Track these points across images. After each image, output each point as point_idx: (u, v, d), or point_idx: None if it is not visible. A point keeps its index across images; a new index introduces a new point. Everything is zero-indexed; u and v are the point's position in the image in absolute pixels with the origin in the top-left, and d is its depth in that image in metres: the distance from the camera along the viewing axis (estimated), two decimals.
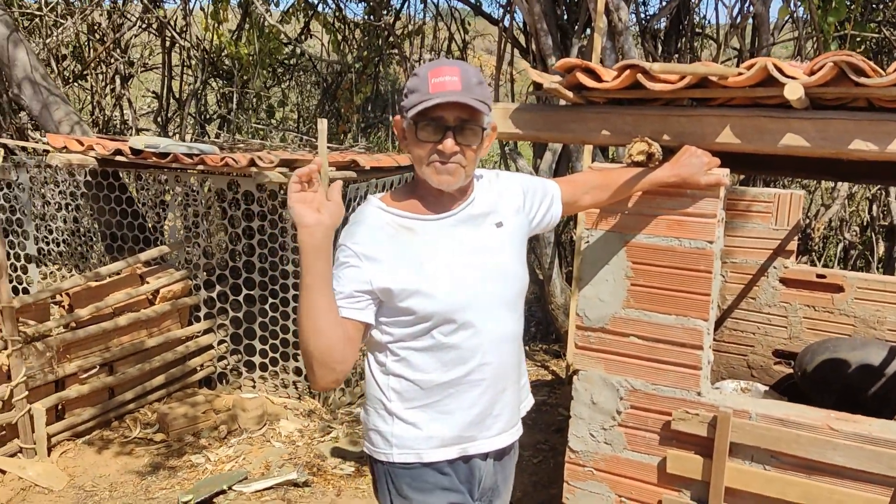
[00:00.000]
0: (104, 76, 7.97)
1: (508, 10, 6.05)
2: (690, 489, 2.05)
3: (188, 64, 8.35)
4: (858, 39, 5.17)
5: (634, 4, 5.98)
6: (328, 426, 4.09)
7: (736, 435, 1.94)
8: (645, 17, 6.51)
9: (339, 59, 8.26)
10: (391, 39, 7.75)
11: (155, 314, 4.13)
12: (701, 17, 10.62)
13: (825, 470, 1.87)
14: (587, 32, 5.06)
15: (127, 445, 3.80)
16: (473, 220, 1.61)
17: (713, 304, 2.02)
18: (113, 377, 3.93)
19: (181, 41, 7.75)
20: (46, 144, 4.68)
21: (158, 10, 7.58)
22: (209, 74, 8.26)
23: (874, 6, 5.99)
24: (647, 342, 2.06)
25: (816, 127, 1.80)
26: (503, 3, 6.84)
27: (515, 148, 5.55)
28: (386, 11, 7.86)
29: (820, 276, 3.40)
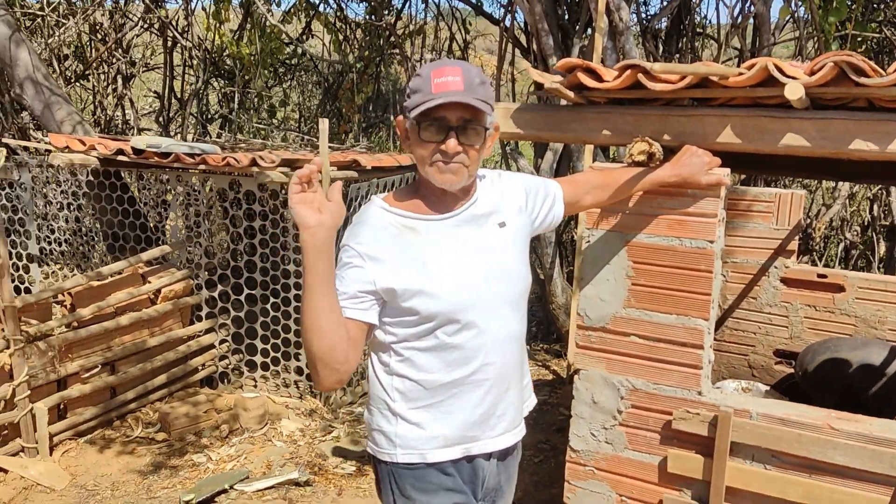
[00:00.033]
0: (106, 76, 7.98)
1: (509, 9, 6.05)
2: (691, 488, 2.05)
3: (190, 64, 8.36)
4: (859, 39, 5.17)
5: (635, 4, 5.99)
6: (329, 425, 4.09)
7: (737, 434, 1.94)
8: (646, 16, 6.51)
9: (340, 58, 8.26)
10: (392, 39, 7.76)
11: (156, 314, 4.13)
12: (702, 16, 10.62)
13: (826, 469, 1.87)
14: (588, 32, 5.07)
15: (129, 445, 3.81)
16: (476, 220, 1.61)
17: (714, 303, 2.02)
18: (115, 376, 3.94)
19: (183, 41, 7.76)
20: (48, 144, 4.69)
21: (160, 10, 7.58)
22: (211, 74, 8.26)
23: (875, 6, 5.98)
24: (648, 342, 2.06)
25: (817, 127, 1.81)
26: (504, 3, 6.84)
27: (516, 148, 5.55)
28: (387, 11, 7.86)
29: (821, 275, 3.40)
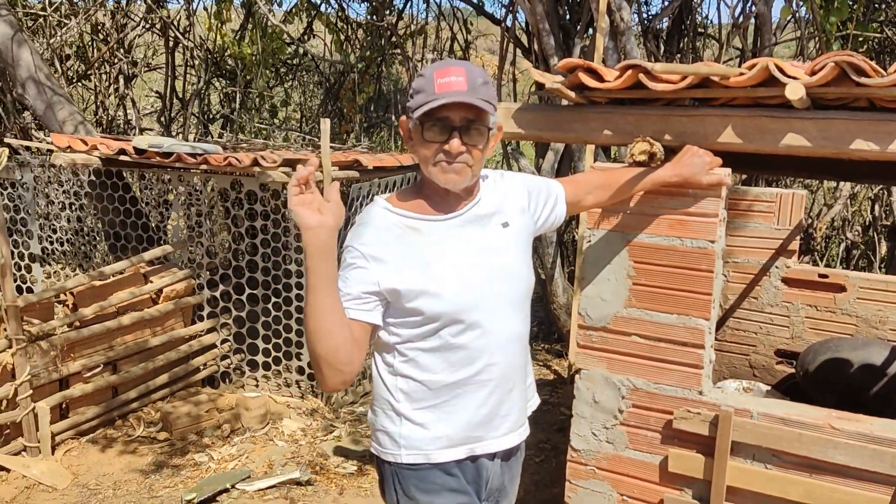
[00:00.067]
0: (108, 76, 7.99)
1: (511, 10, 6.06)
2: (692, 488, 2.05)
3: (191, 64, 8.36)
4: (860, 39, 5.17)
5: (636, 4, 5.98)
6: (331, 425, 4.10)
7: (737, 434, 1.95)
8: (647, 17, 6.51)
9: (341, 58, 8.27)
10: (394, 39, 7.76)
11: (158, 313, 4.14)
12: (703, 16, 10.59)
13: (827, 469, 1.87)
14: (589, 32, 5.07)
15: (130, 444, 3.81)
16: (480, 220, 1.62)
17: (715, 303, 2.02)
18: (116, 376, 3.95)
19: (184, 41, 7.76)
20: (50, 144, 4.69)
21: (162, 10, 7.58)
22: (212, 74, 8.27)
23: (876, 6, 5.98)
24: (648, 341, 2.06)
25: (818, 127, 1.81)
26: (505, 3, 6.85)
27: (518, 148, 5.55)
28: (388, 11, 7.86)
29: (822, 275, 3.39)
